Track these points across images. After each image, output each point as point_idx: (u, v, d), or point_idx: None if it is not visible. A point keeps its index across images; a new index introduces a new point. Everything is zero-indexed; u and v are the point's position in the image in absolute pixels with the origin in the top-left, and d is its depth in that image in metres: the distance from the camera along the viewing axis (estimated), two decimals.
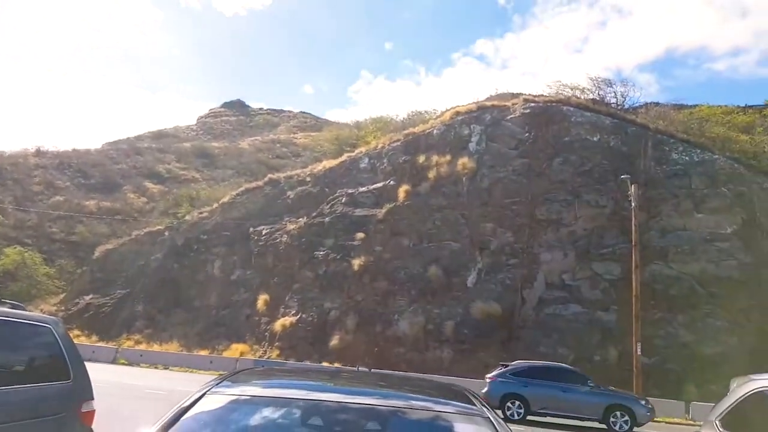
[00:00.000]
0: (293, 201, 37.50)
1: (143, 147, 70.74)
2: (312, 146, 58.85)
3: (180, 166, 65.52)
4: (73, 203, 52.74)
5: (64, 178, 58.57)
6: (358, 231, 31.33)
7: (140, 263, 40.03)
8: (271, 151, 70.65)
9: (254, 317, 32.31)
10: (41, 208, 51.55)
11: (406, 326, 26.55)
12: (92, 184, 58.26)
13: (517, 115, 30.97)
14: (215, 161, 68.58)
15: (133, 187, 58.64)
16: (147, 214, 50.82)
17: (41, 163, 60.38)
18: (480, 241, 27.37)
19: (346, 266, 30.21)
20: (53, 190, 55.85)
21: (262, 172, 50.77)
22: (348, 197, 33.91)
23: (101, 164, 62.61)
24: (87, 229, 50.04)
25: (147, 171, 62.80)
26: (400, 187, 31.88)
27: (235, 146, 72.51)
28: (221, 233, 38.22)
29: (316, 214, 34.38)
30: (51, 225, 50.68)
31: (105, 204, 53.71)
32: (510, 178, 28.74)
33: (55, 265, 45.78)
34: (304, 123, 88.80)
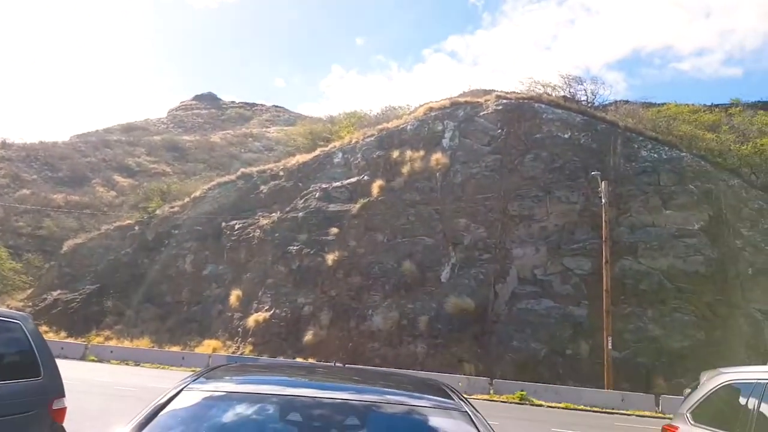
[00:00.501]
0: (266, 195, 36.88)
1: (113, 140, 69.00)
2: (285, 140, 58.08)
3: (150, 160, 64.09)
4: (41, 197, 51.13)
5: (31, 171, 56.73)
6: (332, 226, 30.94)
7: (110, 258, 38.95)
8: (243, 145, 69.67)
9: (227, 313, 31.68)
10: (7, 201, 49.81)
11: (381, 321, 26.28)
12: (60, 178, 56.57)
13: (489, 111, 30.86)
14: (186, 155, 67.28)
15: (103, 180, 57.14)
16: (116, 208, 49.53)
17: (7, 156, 58.34)
18: (453, 237, 27.21)
19: (320, 261, 29.80)
20: (19, 183, 54.02)
21: (235, 166, 49.95)
22: (322, 192, 33.47)
23: (69, 157, 60.83)
24: (55, 223, 48.56)
25: (116, 164, 61.24)
26: (374, 183, 31.55)
27: (207, 140, 71.27)
28: (193, 228, 37.43)
29: (290, 209, 33.86)
30: (17, 219, 49.04)
31: (73, 198, 52.19)
32: (483, 174, 28.63)
33: (22, 260, 44.28)
34: (276, 117, 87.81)
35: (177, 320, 33.34)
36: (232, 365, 3.44)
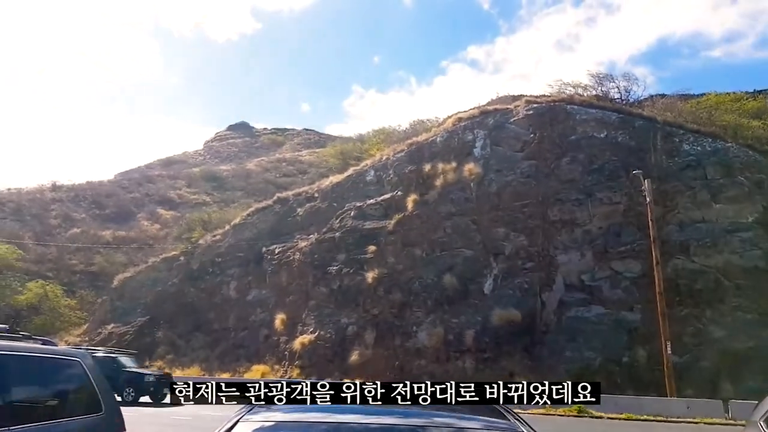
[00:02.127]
0: (303, 218, 36.05)
1: (154, 175, 69.66)
2: (317, 162, 57.51)
3: (190, 191, 64.33)
4: (90, 234, 51.48)
5: (80, 210, 57.37)
6: (369, 244, 29.82)
7: (158, 289, 38.61)
8: (277, 170, 69.36)
9: (273, 337, 30.82)
10: (60, 241, 50.26)
11: (425, 338, 24.92)
12: (107, 215, 57.05)
13: (520, 117, 29.32)
14: (224, 184, 67.33)
15: (147, 214, 57.45)
16: (161, 241, 49.43)
17: (57, 197, 59.23)
18: (493, 247, 25.70)
19: (360, 280, 28.69)
20: (70, 223, 54.60)
21: (271, 191, 49.45)
22: (356, 210, 32.42)
23: (114, 194, 61.47)
24: (105, 258, 48.73)
25: (159, 198, 61.61)
26: (407, 197, 30.34)
27: (243, 168, 71.28)
28: (235, 254, 36.82)
29: (327, 229, 32.90)
30: (70, 257, 49.42)
31: (120, 233, 52.45)
32: (518, 181, 27.07)
33: (76, 297, 44.48)
34: (307, 140, 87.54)
35: (225, 347, 32.64)
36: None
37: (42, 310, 41.21)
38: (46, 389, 4.91)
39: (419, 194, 29.94)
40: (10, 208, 56.35)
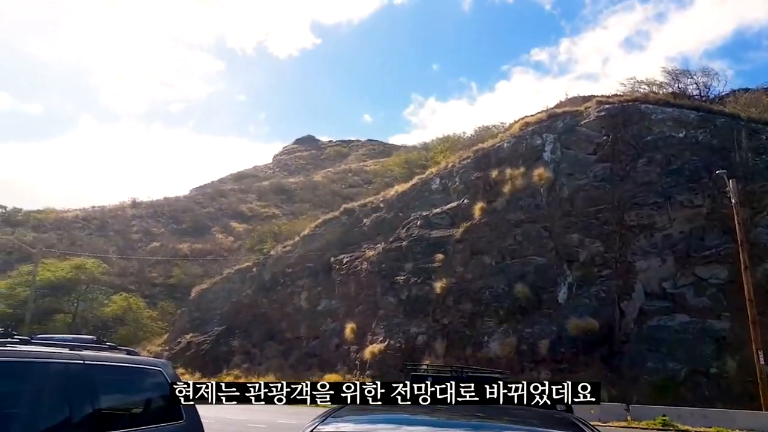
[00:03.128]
0: (369, 228, 36.36)
1: (226, 189, 72.40)
2: (382, 172, 57.86)
3: (261, 204, 66.38)
4: (169, 248, 54.06)
5: (159, 225, 60.43)
6: (436, 253, 29.68)
7: (233, 300, 39.92)
8: (343, 181, 70.50)
9: (343, 346, 31.16)
10: (141, 255, 53.04)
11: (497, 347, 24.46)
12: (184, 229, 59.76)
13: (591, 118, 28.42)
14: (293, 196, 69.03)
15: (221, 228, 59.82)
16: (235, 253, 51.18)
17: (138, 213, 62.63)
18: (567, 254, 24.96)
19: (429, 289, 28.54)
20: (150, 237, 57.60)
21: (337, 202, 50.22)
22: (423, 219, 32.36)
23: (190, 209, 64.32)
24: (182, 271, 50.97)
25: (232, 212, 63.99)
26: (475, 205, 30.00)
27: (310, 180, 72.87)
28: (305, 265, 37.58)
29: (393, 239, 33.01)
30: (150, 270, 52.01)
31: (197, 246, 54.78)
32: (592, 185, 26.20)
33: (157, 308, 46.68)
34: (372, 150, 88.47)
35: (298, 356, 33.28)
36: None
37: (126, 321, 43.44)
38: (130, 397, 5.13)
39: (487, 201, 29.53)
40: (95, 225, 60.10)
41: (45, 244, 49.09)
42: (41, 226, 59.21)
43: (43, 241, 50.67)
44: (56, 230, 58.57)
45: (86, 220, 61.50)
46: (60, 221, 60.77)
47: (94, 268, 46.14)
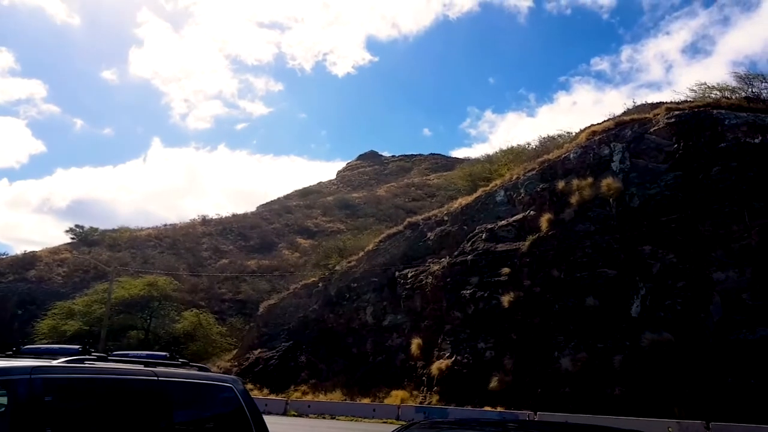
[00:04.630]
0: (434, 242, 36.91)
1: (292, 206, 74.86)
2: (445, 185, 58.39)
3: (326, 220, 68.27)
4: (237, 264, 56.51)
5: (227, 242, 63.26)
6: (502, 266, 29.88)
7: (299, 315, 41.21)
8: (407, 195, 71.48)
9: (410, 362, 31.61)
10: (210, 271, 55.68)
11: (569, 363, 24.40)
12: (251, 246, 62.32)
13: (661, 126, 28.08)
14: (357, 211, 70.53)
15: (287, 243, 61.92)
16: (301, 268, 52.81)
17: (207, 231, 65.77)
18: (639, 266, 24.71)
19: (496, 304, 28.75)
20: (219, 254, 60.38)
21: (401, 216, 51.10)
22: (488, 233, 32.64)
23: (258, 226, 66.96)
24: (250, 287, 53.09)
25: (297, 227, 66.16)
26: (541, 217, 30.07)
27: (374, 194, 74.28)
28: (370, 280, 38.44)
29: (458, 252, 33.42)
30: (220, 286, 54.43)
31: (264, 262, 56.94)
32: (663, 194, 25.87)
33: (226, 324, 48.62)
34: (434, 164, 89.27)
35: (365, 371, 33.94)
36: (423, 422, 3.39)
37: (197, 337, 45.37)
38: (203, 413, 5.28)
39: (554, 213, 29.58)
40: (167, 243, 63.54)
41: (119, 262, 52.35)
42: (116, 245, 63.00)
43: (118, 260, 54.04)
44: (130, 249, 62.17)
45: (158, 238, 65.05)
46: (133, 240, 64.53)
47: (166, 285, 48.24)
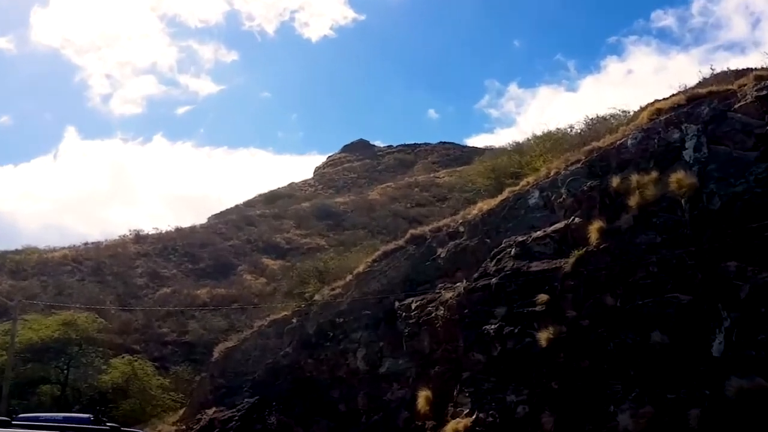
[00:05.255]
0: (446, 261, 36.69)
1: (255, 215, 74.83)
2: (461, 185, 58.31)
3: (301, 234, 68.34)
4: (183, 295, 56.37)
5: (170, 265, 63.15)
6: (538, 292, 29.59)
7: (267, 362, 41.00)
8: (408, 198, 71.58)
9: (416, 422, 31.43)
10: (147, 304, 55.43)
11: (629, 420, 24.13)
12: (202, 269, 62.24)
13: (748, 101, 27.76)
14: (342, 221, 70.66)
15: (249, 266, 61.86)
16: (268, 298, 52.69)
17: (142, 251, 65.70)
18: (722, 289, 24.38)
19: (530, 342, 28.50)
20: (159, 281, 60.24)
21: (401, 227, 50.93)
22: (518, 247, 32.39)
23: (210, 243, 66.92)
24: (201, 324, 52.89)
25: (263, 244, 66.16)
26: (589, 225, 29.75)
27: (364, 198, 74.35)
28: (360, 313, 38.28)
29: (479, 274, 33.18)
30: (160, 324, 54.25)
31: (219, 291, 56.86)
32: (753, 192, 25.52)
33: (170, 374, 48.40)
34: (445, 156, 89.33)
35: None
36: None
37: (130, 393, 45.09)
38: None
39: (606, 220, 29.27)
40: (89, 267, 63.27)
41: (25, 294, 51.77)
42: (20, 271, 62.37)
43: (23, 291, 53.44)
44: (39, 276, 61.67)
45: (77, 261, 64.77)
46: (44, 264, 64.09)
47: (88, 324, 47.87)
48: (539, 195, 34.37)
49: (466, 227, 37.59)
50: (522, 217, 34.18)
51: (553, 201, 33.25)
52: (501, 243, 33.61)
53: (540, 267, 30.64)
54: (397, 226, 55.66)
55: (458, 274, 34.98)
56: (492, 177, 47.62)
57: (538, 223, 32.93)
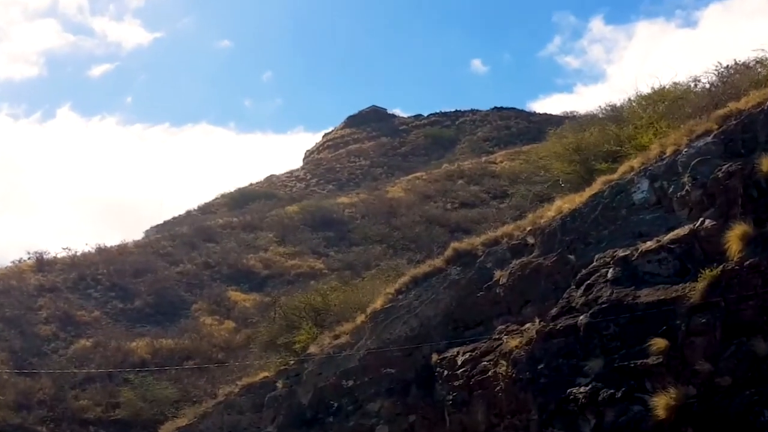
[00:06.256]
0: (507, 290, 36.67)
1: (216, 226, 74.62)
2: (528, 173, 58.00)
3: (286, 252, 68.12)
4: (110, 349, 56.26)
5: (90, 304, 63.05)
6: (651, 335, 29.43)
7: None
8: (448, 195, 71.26)
9: None
10: (57, 364, 55.36)
11: None
12: (138, 310, 62.05)
13: None
14: (348, 230, 70.60)
15: (209, 302, 61.56)
16: (239, 352, 52.60)
17: (48, 283, 65.71)
18: None
19: (640, 412, 28.39)
20: (73, 329, 60.11)
21: (439, 238, 50.48)
22: (619, 266, 32.30)
23: (149, 270, 66.76)
24: (138, 393, 52.77)
25: (229, 269, 65.88)
26: (727, 230, 29.59)
27: (381, 197, 74.02)
28: (380, 372, 38.44)
29: (559, 310, 33.11)
30: (77, 393, 54.12)
31: (164, 343, 56.73)
32: None
33: None
34: (504, 130, 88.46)
35: None
36: None
37: None
38: None
39: (753, 222, 29.14)
40: None
41: None
42: None
43: None
44: None
45: None
46: None
47: None
48: (649, 186, 34.42)
49: (537, 238, 37.68)
50: (623, 220, 34.29)
51: (671, 195, 33.23)
52: (592, 260, 33.73)
53: (653, 296, 30.49)
54: (433, 239, 55.47)
55: (527, 309, 35.15)
56: (576, 160, 47.55)
57: (649, 228, 33.02)
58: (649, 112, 45.47)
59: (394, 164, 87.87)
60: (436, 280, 40.28)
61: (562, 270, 34.68)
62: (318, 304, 47.65)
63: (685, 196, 32.48)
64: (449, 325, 37.56)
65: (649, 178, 34.53)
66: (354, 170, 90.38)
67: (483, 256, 39.33)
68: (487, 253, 39.27)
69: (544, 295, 34.56)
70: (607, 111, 54.55)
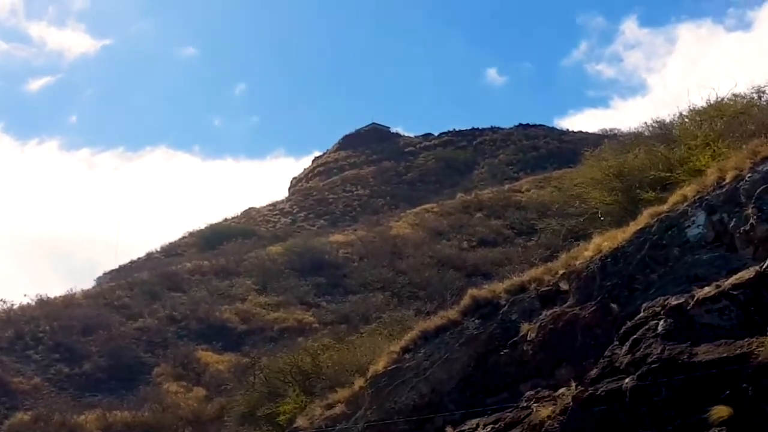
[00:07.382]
0: (536, 347, 36.83)
1: (183, 272, 74.78)
2: (559, 203, 58.25)
3: (268, 302, 68.27)
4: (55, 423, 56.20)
5: (28, 368, 63.11)
6: (713, 402, 29.45)
7: None
8: (465, 230, 71.50)
9: None
10: None
11: None
12: (88, 374, 62.12)
13: None
14: (346, 274, 70.83)
15: (173, 365, 61.60)
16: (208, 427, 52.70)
17: None
18: None
19: None
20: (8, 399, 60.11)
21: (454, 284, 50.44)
22: (672, 318, 32.34)
23: (101, 325, 66.81)
24: None
25: (196, 323, 65.92)
26: None
27: (384, 233, 74.25)
28: None
29: (599, 371, 33.16)
30: None
31: (119, 416, 56.73)
32: None
33: None
34: (530, 151, 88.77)
35: None
36: None
37: None
38: None
39: None
40: None
41: None
42: None
43: None
44: None
45: None
46: None
47: None
48: (706, 219, 34.57)
49: (572, 283, 37.79)
50: (676, 261, 34.40)
51: (733, 230, 33.32)
52: (639, 310, 33.64)
53: (713, 354, 30.48)
54: (446, 285, 55.51)
55: (561, 371, 35.21)
56: (617, 188, 47.65)
57: (707, 271, 33.06)
58: (704, 129, 45.67)
59: (398, 194, 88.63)
60: (450, 335, 40.33)
61: (603, 322, 34.72)
62: (307, 366, 47.78)
63: (749, 232, 32.56)
64: (466, 390, 37.60)
65: (705, 210, 34.64)
66: (350, 201, 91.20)
67: (507, 305, 39.41)
68: (512, 302, 39.35)
69: (582, 353, 34.59)
70: (654, 129, 54.89)
